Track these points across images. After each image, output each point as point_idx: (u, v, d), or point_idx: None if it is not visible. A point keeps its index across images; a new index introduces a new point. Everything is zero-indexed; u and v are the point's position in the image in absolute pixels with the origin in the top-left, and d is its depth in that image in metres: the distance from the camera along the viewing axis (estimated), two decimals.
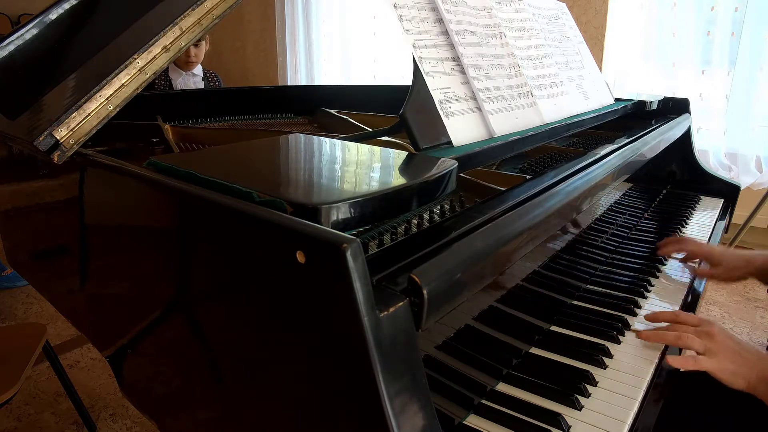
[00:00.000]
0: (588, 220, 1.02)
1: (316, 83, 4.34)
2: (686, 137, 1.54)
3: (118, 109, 0.77)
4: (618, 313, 0.89)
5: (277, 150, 0.74)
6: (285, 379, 0.52)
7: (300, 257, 0.45)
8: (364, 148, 0.72)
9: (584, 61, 1.30)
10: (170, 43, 0.79)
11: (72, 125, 0.73)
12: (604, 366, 0.76)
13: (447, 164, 0.63)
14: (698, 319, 0.82)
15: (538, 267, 0.82)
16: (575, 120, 1.06)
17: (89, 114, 0.74)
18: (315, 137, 0.78)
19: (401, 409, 0.44)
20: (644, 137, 1.17)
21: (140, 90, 0.78)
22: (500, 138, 0.84)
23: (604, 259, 1.10)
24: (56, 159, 0.73)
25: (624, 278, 1.02)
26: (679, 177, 1.63)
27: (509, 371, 0.74)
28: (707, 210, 1.47)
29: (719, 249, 1.06)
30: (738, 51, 2.72)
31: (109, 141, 1.06)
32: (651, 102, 1.44)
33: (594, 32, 3.06)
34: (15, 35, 1.11)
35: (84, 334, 0.97)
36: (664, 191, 1.59)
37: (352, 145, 0.73)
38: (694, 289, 1.04)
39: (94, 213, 0.83)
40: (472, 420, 0.66)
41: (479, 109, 0.85)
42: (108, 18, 1.04)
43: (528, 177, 0.82)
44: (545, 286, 0.86)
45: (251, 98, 1.68)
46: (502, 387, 0.72)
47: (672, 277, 1.06)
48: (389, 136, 0.93)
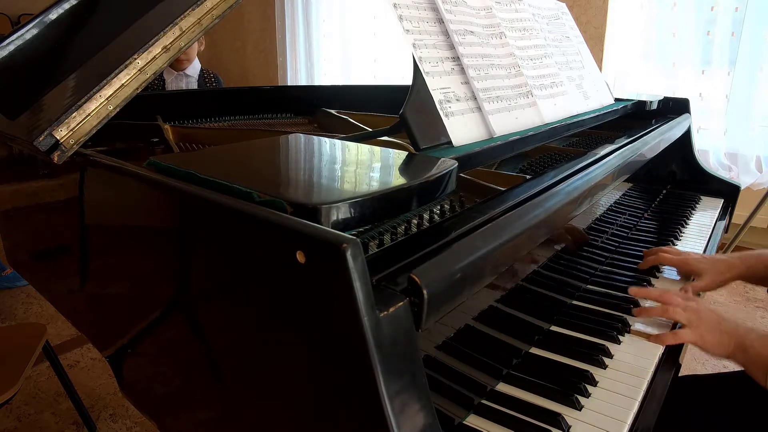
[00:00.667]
0: (588, 220, 1.02)
1: (316, 83, 4.34)
2: (686, 137, 1.53)
3: (118, 109, 0.77)
4: (618, 313, 0.89)
5: (277, 150, 0.74)
6: (285, 379, 0.52)
7: (300, 257, 0.45)
8: (364, 148, 0.72)
9: (584, 61, 1.30)
10: (170, 43, 0.79)
11: (72, 125, 0.73)
12: (604, 366, 0.76)
13: (447, 164, 0.63)
14: (684, 296, 0.87)
15: (538, 267, 0.82)
16: (575, 120, 1.06)
17: (89, 114, 0.74)
18: (315, 137, 0.78)
19: (401, 409, 0.44)
20: (644, 137, 1.17)
21: (140, 90, 0.78)
22: (500, 138, 0.84)
23: (604, 259, 1.10)
24: (56, 159, 0.73)
25: (624, 278, 1.02)
26: (679, 177, 1.63)
27: (509, 371, 0.74)
28: (707, 210, 1.47)
29: (694, 258, 1.03)
30: (738, 51, 2.72)
31: (109, 141, 1.06)
32: (651, 102, 1.44)
33: (594, 32, 3.05)
34: (15, 35, 1.11)
35: (84, 334, 0.97)
36: (664, 191, 1.59)
37: (352, 145, 0.73)
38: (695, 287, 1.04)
39: (94, 213, 0.83)
40: (472, 420, 0.66)
41: (479, 109, 0.85)
42: (108, 18, 1.04)
43: (528, 177, 0.82)
44: (545, 286, 0.86)
45: (251, 98, 1.68)
46: (502, 387, 0.72)
47: (672, 278, 1.06)
48: (389, 136, 0.94)
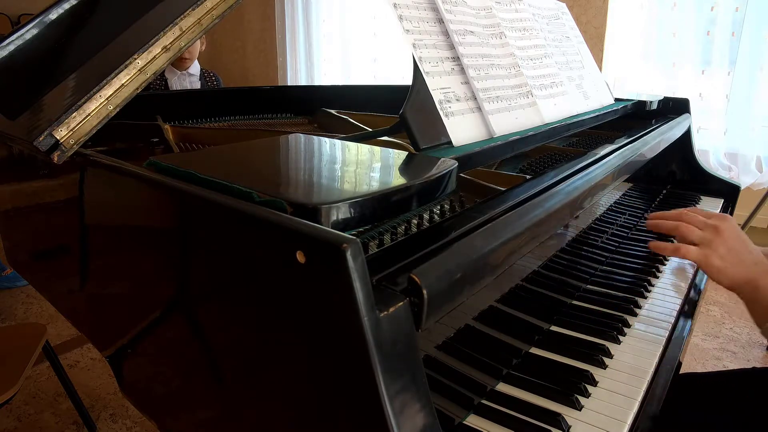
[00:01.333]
0: (588, 220, 1.02)
1: (316, 83, 4.34)
2: (686, 137, 1.54)
3: (118, 109, 0.77)
4: (618, 313, 0.89)
5: (277, 150, 0.74)
6: (285, 379, 0.52)
7: (300, 257, 0.45)
8: (364, 148, 0.72)
9: (584, 61, 1.30)
10: (170, 43, 0.79)
11: (72, 125, 0.73)
12: (604, 366, 0.76)
13: (447, 164, 0.63)
14: (708, 213, 0.77)
15: (538, 267, 0.82)
16: (575, 120, 1.06)
17: (89, 114, 0.74)
18: (315, 137, 0.78)
19: (401, 409, 0.44)
20: (644, 137, 1.17)
21: (140, 90, 0.78)
22: (500, 138, 0.84)
23: (604, 259, 1.10)
24: (56, 159, 0.73)
25: (624, 278, 1.02)
26: (679, 177, 1.63)
27: (509, 371, 0.74)
28: (707, 210, 1.47)
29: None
30: (738, 51, 2.72)
31: (109, 141, 1.06)
32: (651, 102, 1.44)
33: (594, 32, 3.06)
34: (15, 35, 1.11)
35: (84, 334, 0.97)
36: (664, 191, 1.59)
37: (352, 145, 0.73)
38: (695, 287, 1.04)
39: (94, 213, 0.83)
40: (472, 420, 0.66)
41: (479, 109, 0.85)
42: (108, 18, 1.04)
43: (528, 177, 0.82)
44: (545, 286, 0.86)
45: (251, 98, 1.68)
46: (502, 387, 0.72)
47: (672, 277, 1.06)
48: (389, 136, 0.94)
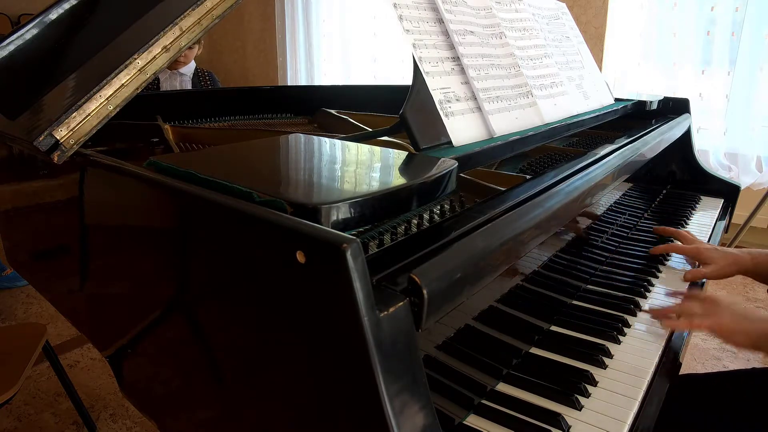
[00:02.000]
0: (588, 220, 1.02)
1: (316, 83, 4.34)
2: (686, 137, 1.54)
3: (118, 109, 0.77)
4: (618, 313, 0.89)
5: (277, 150, 0.74)
6: (285, 379, 0.52)
7: (300, 257, 0.45)
8: (364, 148, 0.72)
9: (584, 61, 1.30)
10: (170, 43, 0.78)
11: (72, 125, 0.73)
12: (604, 366, 0.76)
13: (447, 164, 0.63)
14: (703, 295, 0.86)
15: (538, 267, 0.82)
16: (575, 120, 1.06)
17: (89, 114, 0.74)
18: (315, 137, 0.78)
19: (401, 409, 0.44)
20: (644, 137, 1.17)
21: (140, 90, 0.78)
22: (500, 138, 0.84)
23: (604, 259, 1.10)
24: (56, 159, 0.73)
25: (624, 278, 1.02)
26: (679, 177, 1.63)
27: (509, 371, 0.74)
28: (707, 210, 1.47)
29: (706, 248, 1.06)
30: (738, 51, 2.72)
31: (109, 141, 1.06)
32: (651, 102, 1.44)
33: (594, 32, 3.06)
34: (15, 35, 1.11)
35: (84, 334, 0.97)
36: (664, 191, 1.59)
37: (352, 145, 0.73)
38: (695, 286, 1.04)
39: (94, 213, 0.83)
40: (472, 420, 0.66)
41: (479, 109, 0.85)
42: (108, 18, 1.04)
43: (528, 177, 0.82)
44: (545, 286, 0.86)
45: (251, 98, 1.68)
46: (502, 387, 0.72)
47: (672, 278, 1.06)
48: (389, 136, 0.94)
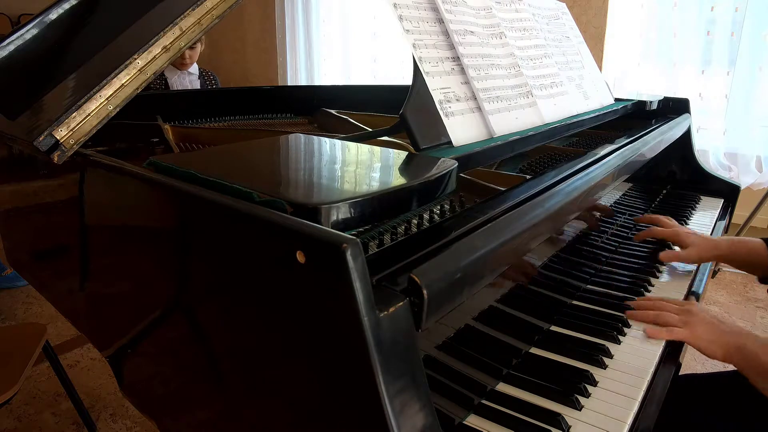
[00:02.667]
0: (588, 220, 1.02)
1: (316, 83, 4.34)
2: (686, 137, 1.54)
3: (118, 109, 0.77)
4: (618, 313, 0.89)
5: (277, 150, 0.74)
6: (285, 379, 0.52)
7: (300, 257, 0.45)
8: (364, 148, 0.72)
9: (584, 61, 1.30)
10: (170, 44, 0.78)
11: (72, 125, 0.73)
12: (604, 366, 0.76)
13: (447, 164, 0.63)
14: (679, 302, 0.88)
15: (538, 267, 0.82)
16: (575, 120, 1.06)
17: (89, 114, 0.74)
18: (315, 137, 0.78)
19: (401, 409, 0.44)
20: (644, 137, 1.17)
21: (140, 90, 0.78)
22: (500, 138, 0.84)
23: (605, 259, 1.10)
24: (56, 159, 0.73)
25: (624, 278, 1.02)
26: (679, 177, 1.63)
27: (509, 371, 0.74)
28: (707, 210, 1.47)
29: (685, 232, 1.08)
30: (738, 51, 2.72)
31: (109, 141, 1.06)
32: (651, 102, 1.44)
33: (594, 32, 3.05)
34: (15, 35, 1.11)
35: (84, 334, 0.97)
36: (664, 191, 1.59)
37: (352, 145, 0.73)
38: (695, 286, 1.04)
39: (94, 213, 0.83)
40: (472, 420, 0.66)
41: (479, 109, 0.85)
42: (108, 18, 1.04)
43: (528, 177, 0.82)
44: (545, 286, 0.86)
45: (251, 98, 1.68)
46: (502, 387, 0.72)
47: (672, 278, 1.06)
48: (389, 136, 0.93)
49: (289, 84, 4.43)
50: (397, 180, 0.60)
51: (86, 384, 1.87)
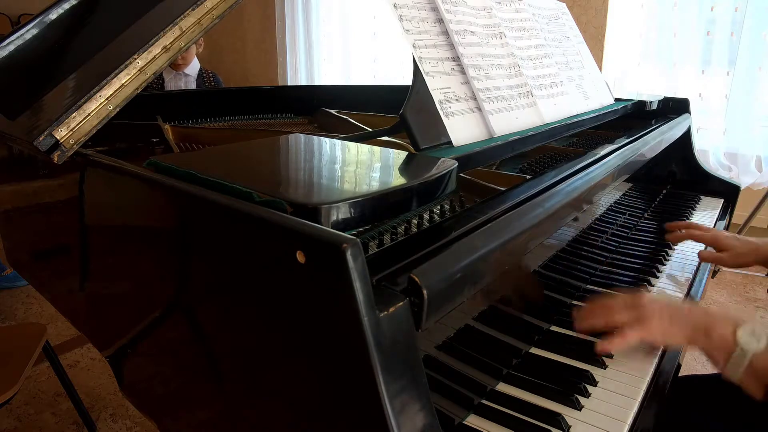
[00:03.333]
0: (588, 220, 1.02)
1: (316, 83, 4.34)
2: (686, 137, 1.54)
3: (118, 109, 0.77)
4: None
5: (277, 150, 0.74)
6: (285, 379, 0.52)
7: (300, 257, 0.45)
8: (364, 148, 0.72)
9: (584, 61, 1.30)
10: (170, 44, 0.79)
11: (72, 125, 0.73)
12: (604, 366, 0.76)
13: (447, 164, 0.63)
14: (627, 297, 0.78)
15: (538, 267, 0.82)
16: (575, 120, 1.06)
17: (89, 114, 0.74)
18: (315, 137, 0.78)
19: (401, 409, 0.44)
20: (644, 137, 1.17)
21: (140, 90, 0.78)
22: (500, 138, 0.84)
23: (604, 259, 1.10)
24: (56, 159, 0.73)
25: (624, 278, 1.02)
26: (679, 177, 1.63)
27: (509, 371, 0.74)
28: (707, 210, 1.47)
29: (724, 235, 1.06)
30: (738, 51, 2.72)
31: (109, 141, 1.06)
32: (651, 102, 1.44)
33: (594, 32, 3.05)
34: (15, 35, 1.11)
35: (84, 334, 0.97)
36: (664, 191, 1.59)
37: (352, 145, 0.73)
38: (695, 286, 1.04)
39: (94, 213, 0.83)
40: (472, 420, 0.66)
41: (479, 109, 0.85)
42: (108, 18, 1.04)
43: (528, 177, 0.82)
44: (545, 286, 0.86)
45: (251, 98, 1.68)
46: (502, 387, 0.72)
47: (672, 278, 1.06)
48: (389, 136, 0.94)
49: (289, 84, 4.43)
50: (397, 180, 0.60)
51: (86, 384, 1.87)
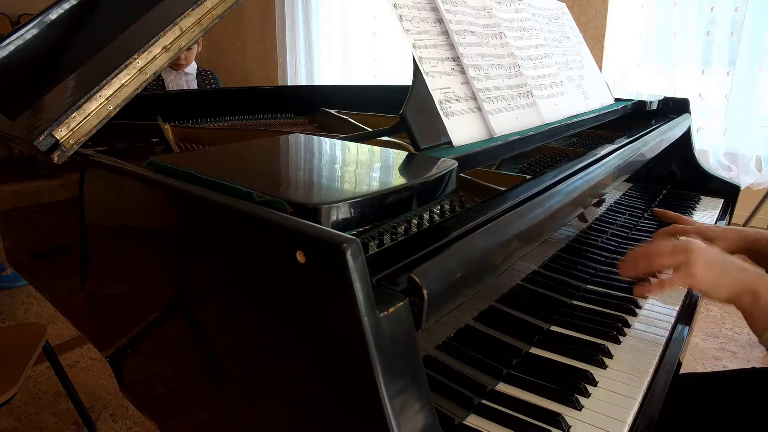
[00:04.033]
0: (588, 220, 1.02)
1: (316, 83, 4.34)
2: (686, 137, 1.53)
3: (118, 109, 0.77)
4: (618, 313, 0.89)
5: (277, 150, 0.74)
6: (285, 379, 0.52)
7: (300, 257, 0.45)
8: (364, 148, 0.72)
9: (584, 61, 1.30)
10: (170, 43, 0.78)
11: (72, 125, 0.73)
12: (604, 366, 0.76)
13: (447, 164, 0.63)
14: (674, 242, 0.77)
15: (538, 267, 0.82)
16: (575, 120, 1.06)
17: (89, 114, 0.74)
18: (315, 137, 0.78)
19: (401, 409, 0.44)
20: (644, 137, 1.17)
21: (140, 90, 0.78)
22: (500, 138, 0.84)
23: (604, 259, 1.10)
24: (56, 159, 0.73)
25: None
26: (679, 177, 1.63)
27: (509, 371, 0.74)
28: (707, 210, 1.47)
29: (708, 227, 1.02)
30: (738, 51, 2.72)
31: (109, 141, 1.06)
32: (651, 102, 1.44)
33: (594, 32, 3.06)
34: (15, 35, 1.11)
35: (84, 334, 0.97)
36: (664, 191, 1.59)
37: (352, 145, 0.73)
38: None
39: (94, 213, 0.83)
40: (472, 420, 0.66)
41: (479, 109, 0.85)
42: (108, 18, 1.04)
43: (528, 177, 0.82)
44: (545, 286, 0.86)
45: (251, 98, 1.68)
46: (502, 387, 0.72)
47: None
48: (389, 136, 0.94)
49: (289, 84, 4.43)
50: (397, 180, 0.60)
51: (86, 384, 1.87)
